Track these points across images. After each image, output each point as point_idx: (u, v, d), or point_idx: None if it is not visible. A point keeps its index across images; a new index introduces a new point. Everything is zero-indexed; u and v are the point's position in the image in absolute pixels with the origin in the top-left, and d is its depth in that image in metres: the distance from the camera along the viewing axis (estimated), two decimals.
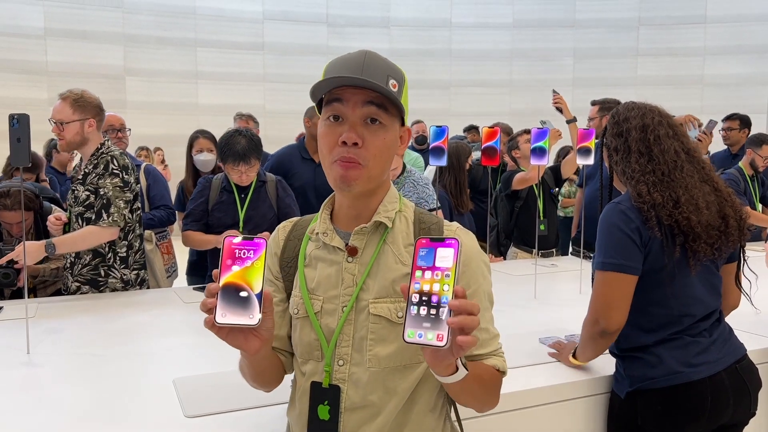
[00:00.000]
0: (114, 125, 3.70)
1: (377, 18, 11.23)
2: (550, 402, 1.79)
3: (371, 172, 1.13)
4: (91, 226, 2.75)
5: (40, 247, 2.59)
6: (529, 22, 11.40)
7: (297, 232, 1.28)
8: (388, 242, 1.19)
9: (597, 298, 1.70)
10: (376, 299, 1.16)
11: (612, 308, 1.67)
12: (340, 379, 1.17)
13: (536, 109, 8.75)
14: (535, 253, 3.81)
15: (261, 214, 3.05)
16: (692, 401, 1.66)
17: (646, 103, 1.84)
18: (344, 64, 1.12)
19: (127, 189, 2.82)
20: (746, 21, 10.86)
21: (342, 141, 1.10)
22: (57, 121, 2.75)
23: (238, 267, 0.98)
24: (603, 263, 1.70)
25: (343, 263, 1.18)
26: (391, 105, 1.12)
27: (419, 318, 0.91)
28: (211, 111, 10.16)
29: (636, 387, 1.71)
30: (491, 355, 1.20)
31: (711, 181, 1.76)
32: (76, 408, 1.63)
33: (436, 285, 0.91)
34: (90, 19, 10.00)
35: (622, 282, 1.67)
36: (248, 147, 2.94)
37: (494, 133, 2.79)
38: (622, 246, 1.68)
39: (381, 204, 1.20)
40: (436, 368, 0.98)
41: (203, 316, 1.02)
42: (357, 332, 1.16)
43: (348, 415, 1.17)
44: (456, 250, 0.92)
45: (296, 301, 1.21)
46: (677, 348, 1.70)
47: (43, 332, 2.27)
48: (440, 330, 0.89)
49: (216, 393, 1.68)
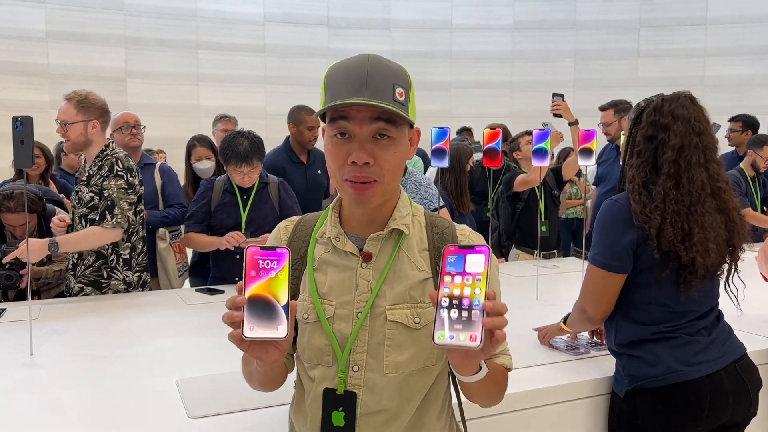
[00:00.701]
0: (129, 122, 3.66)
1: (378, 20, 11.23)
2: (552, 403, 1.80)
3: (386, 187, 1.12)
4: (95, 226, 2.75)
5: (43, 245, 2.59)
6: (530, 24, 11.39)
7: (301, 232, 1.26)
8: (403, 248, 1.18)
9: (586, 289, 1.79)
10: (393, 305, 1.15)
11: (598, 302, 1.76)
12: (356, 384, 1.16)
13: (537, 111, 8.74)
14: (536, 255, 3.81)
15: (263, 215, 3.05)
16: (691, 400, 1.66)
17: (691, 107, 1.71)
18: (347, 78, 1.08)
19: (131, 191, 2.82)
20: (747, 22, 10.85)
21: (352, 161, 1.08)
22: (61, 122, 2.76)
23: (263, 278, 0.96)
24: (594, 258, 1.75)
25: (357, 269, 1.17)
26: (399, 116, 1.10)
27: (450, 321, 0.93)
28: (213, 113, 10.04)
29: (635, 386, 1.71)
30: (500, 354, 1.21)
31: (727, 209, 1.72)
32: (79, 409, 1.64)
33: (467, 289, 0.94)
34: (91, 21, 10.00)
35: (610, 279, 1.72)
36: (250, 148, 2.94)
37: (496, 135, 2.79)
38: (613, 245, 1.70)
39: (396, 209, 1.19)
40: (463, 369, 1.01)
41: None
42: (372, 338, 1.15)
43: (364, 420, 1.16)
44: (487, 256, 0.95)
45: (306, 306, 1.19)
46: (676, 347, 1.70)
47: (46, 334, 2.28)
48: (473, 331, 0.92)
49: (219, 394, 1.68)
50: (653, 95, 1.77)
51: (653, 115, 1.72)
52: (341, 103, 1.06)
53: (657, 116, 1.71)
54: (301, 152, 4.09)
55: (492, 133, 2.79)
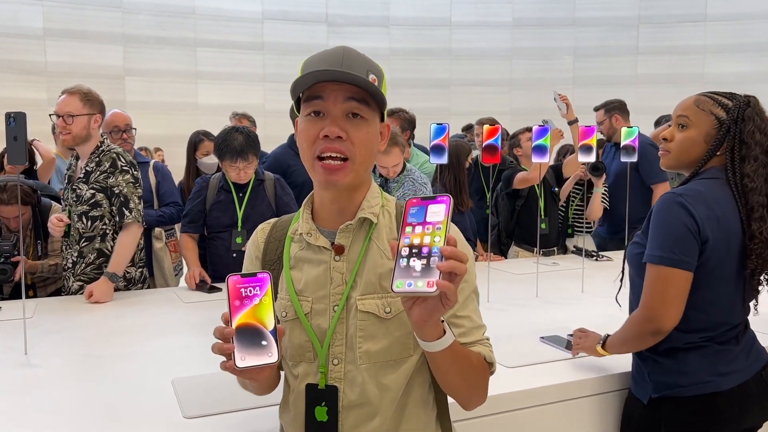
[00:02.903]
0: (119, 125, 3.54)
1: (377, 17, 11.21)
2: (553, 402, 1.78)
3: (357, 167, 1.12)
4: (121, 233, 2.79)
5: (109, 284, 2.71)
6: (529, 21, 11.37)
7: (277, 233, 1.27)
8: (374, 238, 1.18)
9: (652, 294, 1.59)
10: (362, 296, 1.15)
11: (668, 306, 1.57)
12: (337, 378, 1.16)
13: (536, 108, 8.73)
14: (536, 252, 3.79)
15: (259, 213, 3.03)
16: (720, 410, 1.62)
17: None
18: (323, 59, 1.12)
19: (138, 185, 2.86)
20: (747, 19, 10.83)
21: (324, 134, 1.09)
22: (65, 114, 2.74)
23: (248, 306, 0.97)
24: (661, 257, 1.58)
25: (331, 262, 1.17)
26: (372, 99, 1.12)
27: (408, 269, 0.92)
28: (211, 111, 10.12)
29: (661, 393, 1.66)
30: (477, 344, 1.18)
31: None
32: (74, 409, 1.62)
33: (427, 237, 0.92)
34: (89, 19, 9.97)
35: (679, 278, 1.57)
36: (245, 143, 2.93)
37: (495, 131, 2.77)
38: (681, 240, 1.57)
39: (364, 200, 1.19)
40: (423, 328, 0.97)
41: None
42: (348, 330, 1.15)
43: (346, 413, 1.16)
44: (447, 205, 0.93)
45: (284, 304, 1.19)
46: (706, 356, 1.64)
47: (41, 333, 2.26)
48: (431, 277, 0.90)
49: (215, 394, 1.67)
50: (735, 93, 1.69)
51: (757, 119, 1.64)
52: (319, 71, 1.07)
53: (759, 121, 1.64)
54: None
55: (491, 129, 2.76)
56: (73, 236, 2.83)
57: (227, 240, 3.04)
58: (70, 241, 2.85)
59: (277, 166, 3.67)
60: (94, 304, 2.64)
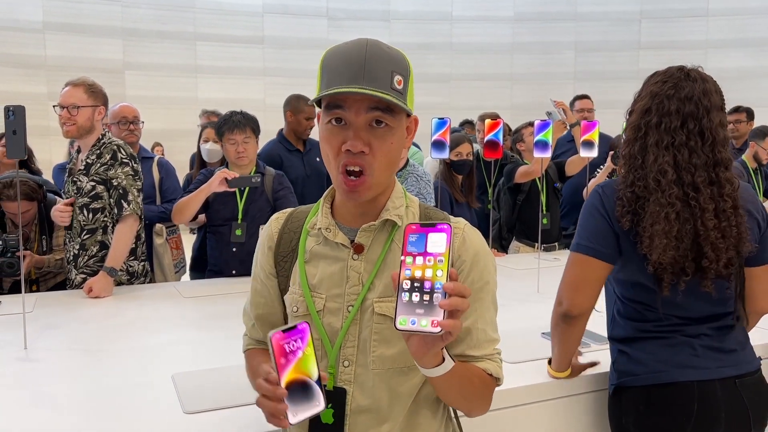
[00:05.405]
0: (127, 117, 3.58)
1: (377, 11, 11.18)
2: (554, 398, 1.77)
3: (376, 180, 1.08)
4: (119, 225, 2.78)
5: (108, 280, 2.68)
6: (530, 16, 11.34)
7: (293, 224, 1.23)
8: (396, 240, 1.14)
9: (564, 278, 1.63)
10: (380, 298, 1.12)
11: (577, 290, 1.59)
12: (346, 380, 1.13)
13: (537, 103, 8.71)
14: (537, 247, 3.78)
15: (258, 207, 3.06)
16: (676, 404, 1.56)
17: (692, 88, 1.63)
18: (344, 63, 1.05)
19: (137, 178, 2.85)
20: (748, 14, 10.81)
21: (346, 149, 1.05)
22: (69, 106, 2.74)
23: (293, 361, 0.95)
24: (577, 245, 1.62)
25: (348, 261, 1.14)
26: (396, 105, 1.06)
27: (411, 305, 0.89)
28: (211, 105, 10.02)
29: (620, 382, 1.65)
30: (485, 359, 1.15)
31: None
32: (73, 404, 1.61)
33: (429, 271, 0.90)
34: (88, 12, 9.94)
35: (593, 266, 1.58)
36: (244, 118, 3.00)
37: (496, 125, 2.76)
38: (596, 230, 1.60)
39: (389, 200, 1.15)
40: (422, 358, 0.95)
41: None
42: (362, 332, 1.13)
43: (354, 417, 1.13)
44: (449, 234, 0.90)
45: (295, 299, 1.17)
46: (666, 346, 1.61)
47: (40, 327, 2.25)
48: (435, 316, 0.88)
49: (215, 389, 1.66)
50: None
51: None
52: (337, 92, 1.02)
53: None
54: (296, 141, 4.06)
55: (492, 123, 2.75)
56: (75, 228, 2.83)
57: (227, 233, 3.04)
58: (72, 233, 2.85)
59: (269, 162, 3.66)
60: (94, 298, 2.63)
